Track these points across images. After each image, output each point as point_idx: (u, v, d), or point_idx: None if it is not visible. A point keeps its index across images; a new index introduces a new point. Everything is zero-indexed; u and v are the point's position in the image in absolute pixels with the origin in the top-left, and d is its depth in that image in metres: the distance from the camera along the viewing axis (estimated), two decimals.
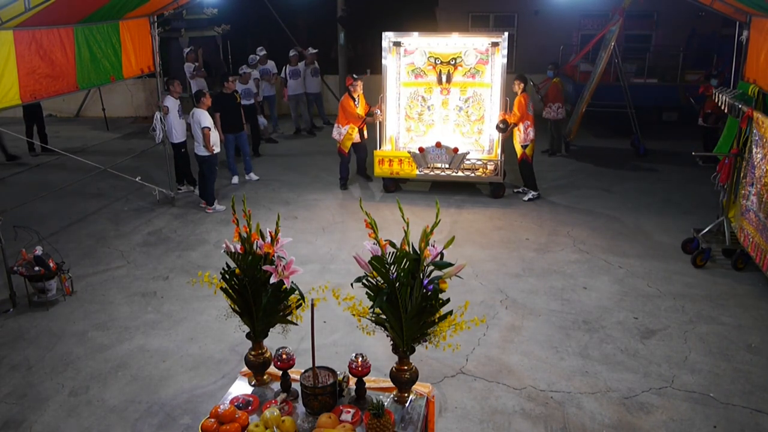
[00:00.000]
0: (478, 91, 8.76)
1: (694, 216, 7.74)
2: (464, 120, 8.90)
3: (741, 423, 4.17)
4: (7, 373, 4.88)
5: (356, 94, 8.92)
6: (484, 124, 8.86)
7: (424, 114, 8.97)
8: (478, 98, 8.79)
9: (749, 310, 5.64)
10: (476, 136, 8.94)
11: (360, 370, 2.92)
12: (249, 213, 3.00)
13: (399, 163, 8.86)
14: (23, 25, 5.84)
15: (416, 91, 8.93)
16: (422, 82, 8.86)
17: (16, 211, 7.16)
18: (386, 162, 8.90)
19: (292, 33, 15.44)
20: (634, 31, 15.16)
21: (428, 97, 8.92)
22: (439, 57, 8.68)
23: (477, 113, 8.84)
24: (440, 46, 8.68)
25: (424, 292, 2.68)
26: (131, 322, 5.65)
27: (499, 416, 4.27)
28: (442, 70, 8.69)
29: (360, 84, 8.98)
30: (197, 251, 7.19)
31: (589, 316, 5.59)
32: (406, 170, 8.85)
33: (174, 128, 8.84)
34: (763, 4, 5.78)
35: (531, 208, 8.45)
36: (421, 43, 8.72)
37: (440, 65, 8.69)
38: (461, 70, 8.70)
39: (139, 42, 8.24)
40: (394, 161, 8.87)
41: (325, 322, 5.31)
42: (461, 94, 8.83)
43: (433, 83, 8.80)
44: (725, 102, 6.41)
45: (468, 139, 8.94)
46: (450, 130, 8.96)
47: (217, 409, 2.78)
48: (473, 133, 8.93)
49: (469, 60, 8.63)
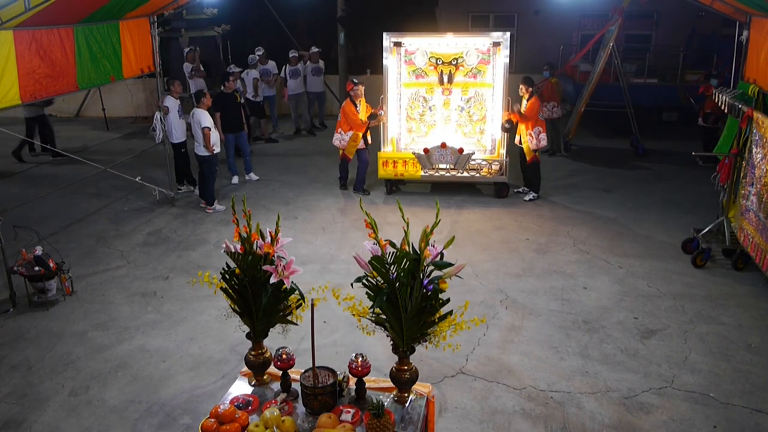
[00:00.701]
0: (480, 91, 8.72)
1: (694, 216, 7.74)
2: (466, 120, 8.85)
3: (741, 423, 4.17)
4: (7, 373, 4.88)
5: (358, 99, 8.77)
6: (486, 124, 8.83)
7: (425, 115, 8.90)
8: (479, 98, 8.75)
9: (749, 310, 5.64)
10: (478, 136, 8.90)
11: (360, 370, 2.92)
12: (249, 213, 3.00)
13: (403, 165, 8.81)
14: (23, 25, 5.84)
15: (417, 91, 8.83)
16: (423, 82, 8.79)
17: (16, 211, 7.16)
18: (390, 164, 8.83)
19: (292, 33, 15.44)
20: (634, 31, 15.17)
21: (429, 98, 8.84)
22: (440, 57, 8.63)
23: (479, 113, 8.81)
24: (441, 46, 8.64)
25: (424, 292, 2.68)
26: (131, 322, 5.65)
27: (499, 416, 4.27)
28: (443, 71, 8.64)
29: (361, 88, 8.81)
30: (197, 251, 7.19)
31: (589, 316, 5.59)
32: (411, 172, 8.80)
33: (174, 128, 8.84)
34: (763, 4, 5.78)
35: (531, 208, 8.45)
36: (422, 43, 8.68)
37: (441, 65, 8.63)
38: (462, 70, 8.65)
39: (139, 42, 8.24)
40: (398, 163, 8.81)
41: (325, 322, 5.31)
42: (463, 94, 8.77)
43: (435, 84, 8.75)
44: (725, 102, 6.41)
45: (470, 140, 8.90)
46: (452, 131, 8.91)
47: (217, 409, 2.78)
48: (475, 133, 8.89)
49: (470, 60, 8.60)
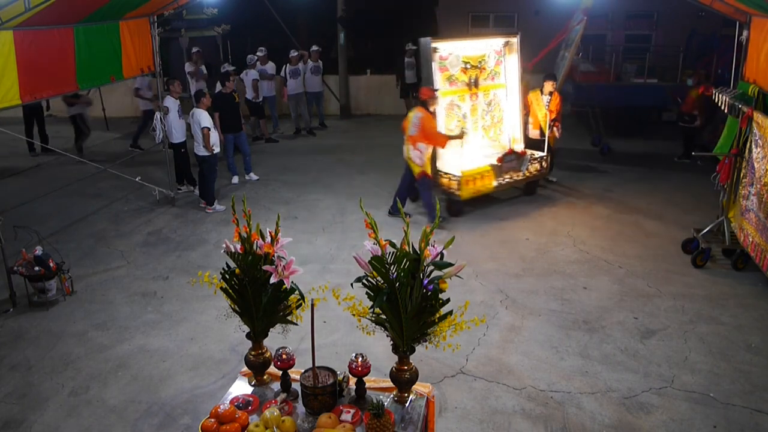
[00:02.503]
0: (497, 92, 8.66)
1: (694, 216, 7.74)
2: (490, 123, 8.69)
3: (741, 423, 4.17)
4: (7, 373, 4.88)
5: (434, 108, 7.71)
6: (503, 125, 8.76)
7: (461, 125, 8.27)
8: (497, 100, 8.70)
9: (749, 310, 5.64)
10: (498, 137, 8.80)
11: (360, 370, 2.92)
12: (249, 213, 2.99)
13: (481, 179, 8.11)
14: (23, 25, 5.84)
15: (452, 100, 8.31)
16: (456, 89, 8.31)
17: (16, 211, 7.17)
18: (471, 181, 8.03)
19: (292, 33, 15.45)
20: (634, 31, 15.18)
21: (462, 105, 8.36)
22: (469, 60, 8.29)
23: (498, 115, 8.72)
24: (467, 49, 8.28)
25: (424, 292, 2.68)
26: (131, 322, 5.65)
27: (499, 416, 4.27)
28: (471, 75, 8.28)
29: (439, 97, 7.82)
30: (197, 251, 7.19)
31: (589, 316, 5.59)
32: (486, 184, 8.19)
33: (174, 128, 8.84)
34: (763, 4, 5.78)
35: (531, 208, 8.45)
36: (454, 47, 8.18)
37: (470, 69, 8.27)
38: (484, 74, 8.43)
39: (139, 42, 8.24)
40: (477, 179, 8.09)
41: (325, 322, 5.31)
42: (485, 98, 8.54)
43: (464, 89, 8.31)
44: (725, 102, 6.41)
45: (493, 142, 8.80)
46: (480, 136, 8.68)
47: (217, 409, 2.77)
48: (497, 135, 8.78)
49: (491, 63, 8.49)
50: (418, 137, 7.53)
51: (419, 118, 7.47)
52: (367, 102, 15.64)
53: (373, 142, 12.61)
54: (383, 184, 9.43)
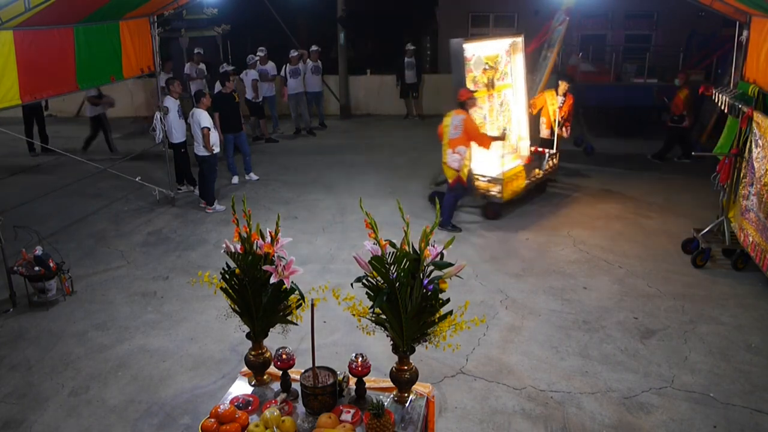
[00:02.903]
0: (507, 92, 8.64)
1: (694, 216, 7.74)
2: (504, 124, 8.62)
3: (741, 423, 4.17)
4: (7, 373, 4.88)
5: (473, 110, 7.54)
6: (512, 125, 8.73)
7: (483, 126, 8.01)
8: (507, 100, 8.69)
9: (749, 310, 5.64)
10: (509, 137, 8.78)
11: (360, 370, 2.92)
12: (249, 213, 2.99)
13: (516, 180, 8.11)
14: (23, 25, 5.84)
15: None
16: (479, 91, 8.02)
17: (16, 211, 7.17)
18: (509, 182, 7.97)
19: (292, 33, 15.45)
20: (634, 31, 15.19)
21: (483, 107, 8.14)
22: (488, 61, 8.19)
23: (508, 115, 8.71)
24: (486, 50, 8.17)
25: (424, 292, 2.68)
26: (131, 322, 5.65)
27: (499, 416, 4.27)
28: (489, 76, 8.15)
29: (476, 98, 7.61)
30: (197, 251, 7.19)
31: (589, 316, 5.59)
32: (520, 184, 8.21)
33: (174, 128, 8.84)
34: (763, 4, 5.78)
35: (531, 207, 8.45)
36: (477, 48, 8.00)
37: (488, 70, 8.16)
38: (498, 74, 8.36)
39: (139, 42, 8.24)
40: (514, 179, 8.06)
41: (325, 322, 5.31)
42: (498, 98, 8.48)
43: (484, 91, 8.11)
44: (725, 102, 6.41)
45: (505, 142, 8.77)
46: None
47: (217, 409, 2.77)
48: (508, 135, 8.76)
49: (502, 63, 8.48)
50: (461, 140, 7.29)
51: (462, 120, 7.27)
52: (367, 102, 15.64)
53: (373, 142, 12.61)
54: (383, 184, 9.43)
